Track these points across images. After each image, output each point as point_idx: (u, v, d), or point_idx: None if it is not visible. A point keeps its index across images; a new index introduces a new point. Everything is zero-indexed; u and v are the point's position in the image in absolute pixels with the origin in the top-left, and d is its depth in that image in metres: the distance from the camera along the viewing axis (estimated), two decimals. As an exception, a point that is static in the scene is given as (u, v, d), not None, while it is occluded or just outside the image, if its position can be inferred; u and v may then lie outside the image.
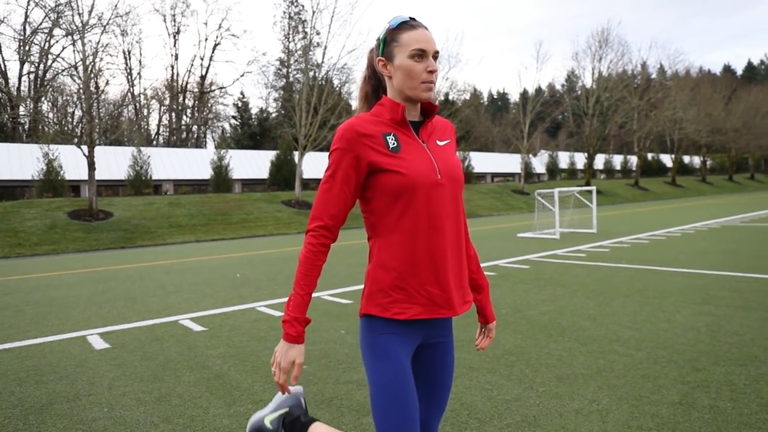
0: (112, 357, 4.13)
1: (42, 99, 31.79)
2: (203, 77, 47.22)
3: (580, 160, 44.88)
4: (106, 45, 22.84)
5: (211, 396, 3.20)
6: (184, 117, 47.80)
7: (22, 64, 34.18)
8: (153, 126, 48.52)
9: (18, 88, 35.21)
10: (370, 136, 1.38)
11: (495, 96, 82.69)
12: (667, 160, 49.88)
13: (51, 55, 28.72)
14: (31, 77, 36.34)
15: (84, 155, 18.57)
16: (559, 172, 43.82)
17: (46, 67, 34.40)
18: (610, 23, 56.69)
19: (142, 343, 4.48)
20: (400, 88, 1.41)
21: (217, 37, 48.07)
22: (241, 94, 47.89)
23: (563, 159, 45.82)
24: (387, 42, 1.41)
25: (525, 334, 4.26)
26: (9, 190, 25.93)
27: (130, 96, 37.24)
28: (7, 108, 25.94)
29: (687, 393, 2.91)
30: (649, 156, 48.68)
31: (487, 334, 1.66)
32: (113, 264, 11.41)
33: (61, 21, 19.43)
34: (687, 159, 53.30)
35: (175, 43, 46.63)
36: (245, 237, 18.63)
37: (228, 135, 46.87)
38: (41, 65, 34.35)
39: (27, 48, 29.61)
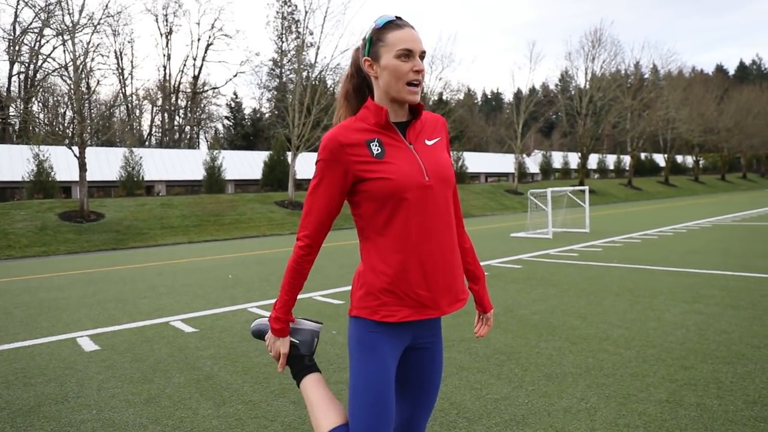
0: (101, 359, 4.10)
1: (32, 99, 31.56)
2: (196, 77, 47.05)
3: (573, 159, 45.12)
4: (97, 45, 22.71)
5: (201, 397, 3.19)
6: (176, 117, 47.61)
7: (11, 64, 33.91)
8: (145, 127, 48.34)
9: (8, 88, 34.93)
10: (353, 145, 1.38)
11: (489, 96, 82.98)
12: (660, 159, 50.24)
13: (41, 56, 28.53)
14: (22, 77, 36.08)
15: (75, 156, 18.44)
16: (553, 171, 44.03)
17: (36, 68, 34.17)
18: (602, 23, 57.05)
19: (132, 345, 4.46)
20: (386, 88, 1.39)
21: (210, 37, 47.86)
22: (234, 94, 47.87)
23: (557, 159, 46.05)
24: (373, 42, 1.40)
25: (516, 333, 4.27)
26: (-1, 191, 25.70)
27: (121, 96, 37.01)
28: (-2, 108, 25.72)
29: (674, 391, 2.93)
30: (642, 156, 49.04)
31: (486, 322, 1.67)
32: (104, 266, 11.34)
33: (52, 21, 19.29)
34: (680, 159, 53.74)
35: (168, 43, 46.43)
36: (238, 238, 18.57)
37: (221, 135, 46.74)
38: (31, 65, 34.11)
39: (17, 48, 29.36)
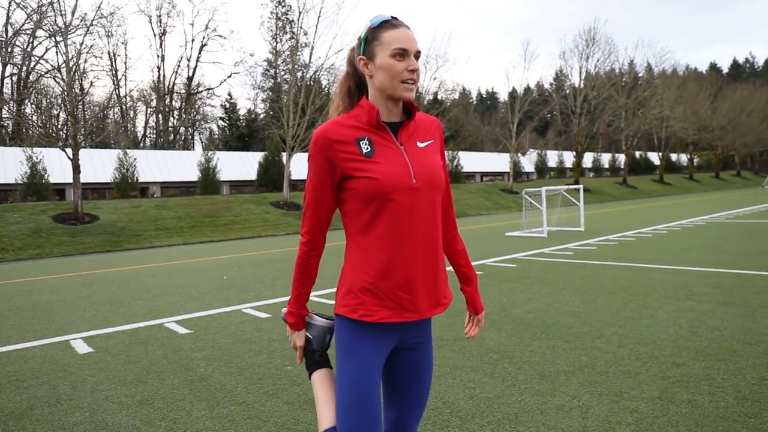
0: (95, 361, 4.09)
1: (25, 101, 31.36)
2: (190, 78, 46.87)
3: (568, 158, 45.26)
4: (90, 46, 22.59)
5: (195, 398, 3.18)
6: (171, 119, 47.41)
7: (4, 66, 33.71)
8: (139, 128, 48.13)
9: (0, 90, 34.69)
10: (342, 142, 1.38)
11: (484, 95, 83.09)
12: (655, 158, 50.47)
13: (34, 57, 28.36)
14: (14, 79, 35.85)
15: (69, 158, 18.35)
16: (548, 170, 44.15)
17: (29, 69, 33.96)
18: (596, 22, 57.28)
19: (126, 347, 4.44)
20: (381, 87, 1.39)
21: (204, 38, 47.74)
22: (229, 95, 47.73)
23: (552, 158, 46.16)
24: (368, 41, 1.40)
25: (509, 332, 4.28)
26: (-8, 193, 25.52)
27: (115, 98, 36.85)
28: (-10, 111, 25.56)
29: (666, 388, 2.94)
30: (637, 154, 49.21)
31: (476, 323, 1.68)
32: (98, 268, 11.28)
33: (44, 22, 19.18)
34: (674, 157, 53.99)
35: (161, 44, 46.32)
36: (233, 239, 18.52)
37: (216, 136, 46.59)
38: (24, 67, 33.89)
39: (9, 50, 29.18)
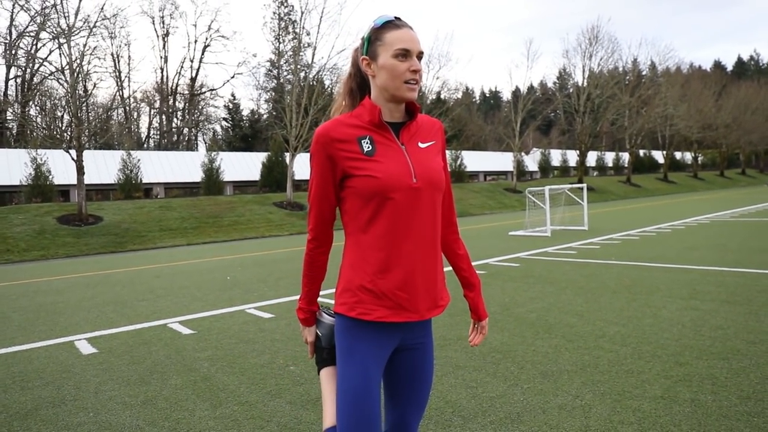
0: (99, 362, 4.11)
1: (30, 103, 31.51)
2: (193, 79, 47.01)
3: (572, 157, 45.11)
4: (93, 48, 22.72)
5: (198, 398, 3.20)
6: (174, 120, 47.57)
7: (8, 68, 33.90)
8: (143, 129, 48.29)
9: (5, 92, 34.92)
10: (344, 140, 1.38)
11: (487, 94, 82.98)
12: (659, 156, 50.23)
13: (38, 59, 28.51)
14: (18, 81, 36.05)
15: (73, 159, 18.42)
16: (552, 169, 44.03)
17: (33, 71, 34.15)
18: (599, 20, 57.01)
19: (129, 348, 4.47)
20: (383, 87, 1.40)
21: (207, 39, 47.83)
22: (232, 95, 47.78)
23: (555, 157, 46.04)
24: (371, 41, 1.41)
25: (512, 332, 4.28)
26: (-3, 195, 25.67)
27: (119, 99, 37.00)
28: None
29: (669, 387, 2.94)
30: (641, 153, 49.04)
31: (480, 330, 1.66)
32: (103, 269, 11.34)
33: (47, 24, 19.27)
34: (678, 155, 53.73)
35: (164, 45, 46.43)
36: (237, 239, 18.57)
37: (219, 137, 46.71)
38: (28, 69, 34.08)
39: (13, 52, 29.35)
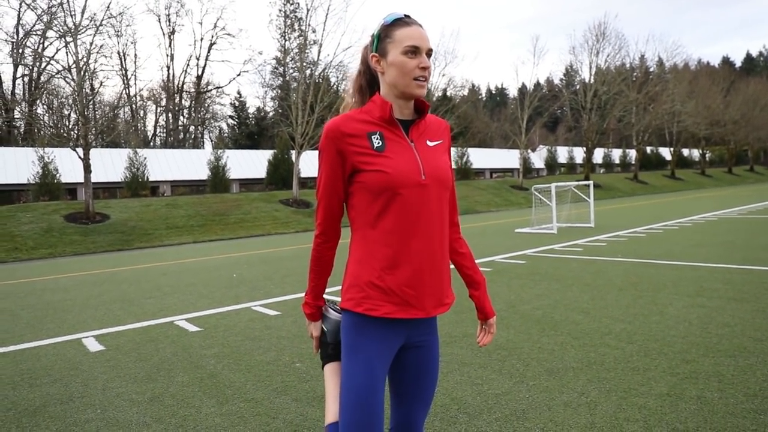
0: (106, 359, 4.14)
1: (37, 102, 31.75)
2: (199, 77, 47.17)
3: (578, 154, 44.92)
4: (99, 46, 22.82)
5: (204, 395, 3.22)
6: (180, 117, 47.76)
7: (15, 67, 34.17)
8: (149, 127, 48.54)
9: (12, 91, 35.20)
10: (354, 135, 1.39)
11: (493, 91, 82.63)
12: (666, 153, 49.87)
13: (45, 58, 28.70)
14: (26, 80, 36.33)
15: (80, 158, 18.57)
16: (558, 166, 43.86)
17: (40, 70, 34.39)
18: (606, 17, 56.61)
19: (136, 345, 4.50)
20: (392, 83, 1.41)
21: (213, 37, 47.94)
22: (238, 93, 47.95)
23: (562, 154, 45.84)
24: (381, 38, 1.42)
25: (518, 329, 4.27)
26: (5, 194, 25.90)
27: (125, 97, 37.18)
28: (2, 111, 25.88)
29: (675, 384, 2.92)
30: (648, 149, 48.67)
31: (488, 330, 1.64)
32: (110, 266, 11.42)
33: (54, 23, 19.39)
34: (686, 152, 53.30)
35: (170, 43, 46.67)
36: (243, 237, 18.64)
37: (225, 135, 46.88)
38: (35, 68, 34.32)
39: (20, 51, 29.55)
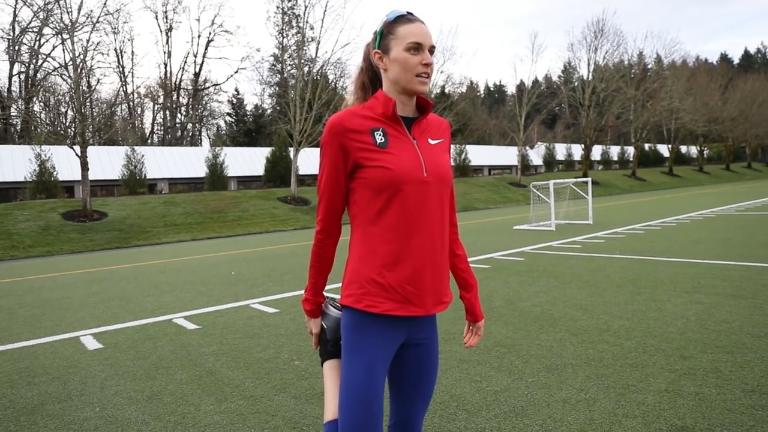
0: (104, 357, 4.13)
1: (33, 99, 31.61)
2: (197, 74, 47.01)
3: (577, 151, 44.94)
4: (96, 43, 22.75)
5: (203, 393, 3.21)
6: (178, 115, 47.61)
7: (12, 64, 33.97)
8: (147, 125, 48.40)
9: (8, 88, 35.03)
10: (357, 131, 1.39)
11: (491, 88, 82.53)
12: (664, 150, 49.94)
13: (41, 55, 28.55)
14: (22, 77, 36.14)
15: (77, 155, 18.51)
16: (557, 163, 43.88)
17: (36, 67, 34.20)
18: (605, 13, 56.58)
19: (135, 343, 4.49)
20: (395, 80, 1.41)
21: (210, 34, 47.92)
22: (236, 90, 47.76)
23: (560, 151, 45.86)
24: (384, 35, 1.42)
25: (516, 325, 4.28)
26: (2, 192, 25.78)
27: (122, 95, 37.05)
28: (-1, 109, 25.78)
29: (674, 381, 2.93)
30: (646, 146, 48.72)
31: (476, 332, 1.65)
32: (108, 264, 11.40)
33: (50, 20, 19.30)
34: (684, 149, 53.40)
35: (168, 41, 46.34)
36: (241, 234, 18.62)
37: (223, 132, 46.76)
38: (32, 65, 34.13)
39: (17, 48, 29.38)
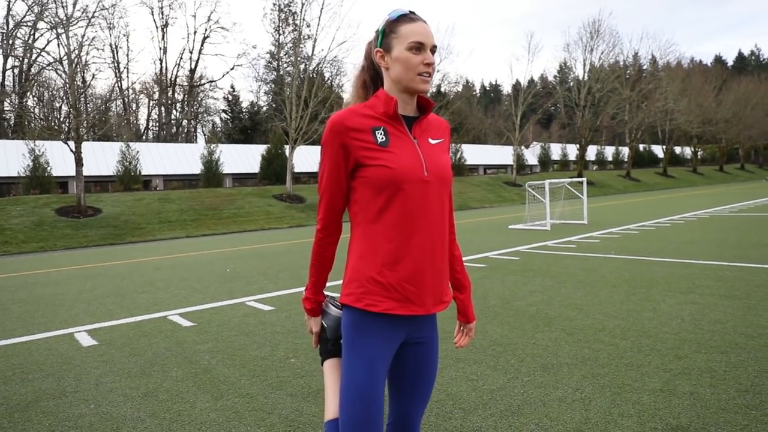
0: (99, 354, 4.11)
1: (27, 94, 31.33)
2: (192, 71, 46.80)
3: (572, 151, 45.07)
4: (92, 38, 22.58)
5: (199, 390, 3.21)
6: (173, 111, 47.38)
7: (5, 58, 33.71)
8: (142, 121, 48.11)
9: (2, 82, 34.72)
10: (358, 130, 1.38)
11: (487, 88, 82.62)
12: (659, 151, 50.22)
13: (35, 49, 28.32)
14: (16, 72, 35.84)
15: (71, 151, 18.38)
16: (552, 163, 43.99)
17: (30, 62, 33.93)
18: (601, 14, 56.77)
19: (130, 340, 4.47)
20: (396, 79, 1.41)
21: (206, 30, 47.67)
22: (232, 87, 47.57)
23: (555, 150, 45.99)
24: (386, 33, 1.42)
25: (512, 325, 4.29)
26: (-4, 187, 25.60)
27: (117, 90, 36.80)
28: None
29: (668, 380, 2.95)
30: (641, 147, 49.00)
31: (467, 333, 1.66)
32: (102, 261, 11.33)
33: (45, 14, 19.14)
34: (678, 150, 53.73)
35: (164, 37, 46.11)
36: (236, 232, 18.56)
37: (218, 129, 46.56)
38: (26, 59, 33.86)
39: (10, 42, 29.12)
